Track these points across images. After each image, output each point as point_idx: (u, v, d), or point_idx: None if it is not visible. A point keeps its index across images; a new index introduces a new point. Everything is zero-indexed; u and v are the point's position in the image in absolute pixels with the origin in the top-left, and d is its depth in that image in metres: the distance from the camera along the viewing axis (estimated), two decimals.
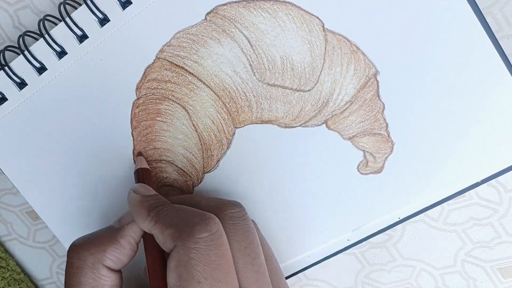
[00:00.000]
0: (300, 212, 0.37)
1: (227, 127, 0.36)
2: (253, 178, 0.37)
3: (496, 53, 0.32)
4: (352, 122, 0.35)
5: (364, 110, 0.34)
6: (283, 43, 0.34)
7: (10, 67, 0.36)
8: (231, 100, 0.35)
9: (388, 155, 0.35)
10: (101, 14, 0.34)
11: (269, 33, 0.34)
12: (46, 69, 0.36)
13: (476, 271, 0.39)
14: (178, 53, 0.35)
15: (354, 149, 0.35)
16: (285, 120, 0.35)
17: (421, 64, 0.33)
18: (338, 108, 0.34)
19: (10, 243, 0.44)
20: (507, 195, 0.36)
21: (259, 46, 0.34)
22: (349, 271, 0.40)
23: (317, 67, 0.34)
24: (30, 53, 0.36)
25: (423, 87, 0.33)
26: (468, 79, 0.32)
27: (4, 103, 0.37)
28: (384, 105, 0.34)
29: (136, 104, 0.36)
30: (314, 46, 0.33)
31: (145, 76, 0.36)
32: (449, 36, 0.32)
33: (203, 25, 0.34)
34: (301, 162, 0.36)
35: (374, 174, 0.35)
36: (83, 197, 0.38)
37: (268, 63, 0.34)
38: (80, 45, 0.35)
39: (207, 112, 0.36)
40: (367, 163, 0.35)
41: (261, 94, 0.35)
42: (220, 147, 0.37)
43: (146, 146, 0.37)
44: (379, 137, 0.35)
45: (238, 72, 0.35)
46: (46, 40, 0.35)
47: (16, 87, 0.36)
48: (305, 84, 0.34)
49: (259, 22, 0.33)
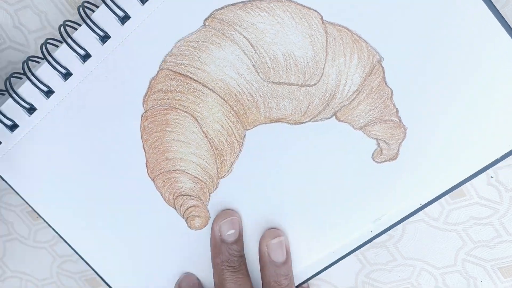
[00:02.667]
0: (320, 208, 0.37)
1: (237, 130, 0.36)
2: (268, 179, 0.36)
3: (504, 30, 0.31)
4: (362, 111, 0.34)
5: (373, 98, 0.34)
6: (283, 40, 0.33)
7: (18, 94, 0.36)
8: (238, 102, 0.35)
9: (402, 141, 0.34)
10: (101, 31, 0.35)
11: (268, 31, 0.34)
12: (53, 91, 0.36)
13: (477, 271, 0.38)
14: (180, 62, 0.35)
15: (367, 138, 0.35)
16: (294, 117, 0.35)
17: (425, 46, 0.32)
18: (346, 99, 0.34)
19: (10, 243, 0.44)
20: (507, 195, 0.36)
21: (260, 46, 0.34)
22: (350, 271, 0.40)
23: (320, 60, 0.34)
24: (36, 77, 0.36)
25: (429, 69, 0.33)
26: (476, 55, 0.32)
27: (15, 130, 0.37)
28: (392, 90, 0.34)
29: (145, 117, 0.36)
30: (315, 39, 0.33)
31: (150, 88, 0.36)
32: (452, 14, 0.31)
33: (203, 31, 0.34)
34: (315, 157, 0.36)
35: (390, 161, 0.35)
36: (103, 216, 0.39)
37: (271, 62, 0.34)
38: (84, 64, 0.36)
39: (216, 117, 0.36)
40: (382, 151, 0.35)
41: (267, 93, 0.35)
42: (232, 151, 0.36)
43: (159, 158, 0.37)
44: (390, 124, 0.34)
45: (242, 74, 0.35)
46: (50, 63, 0.35)
47: (26, 113, 0.37)
48: (310, 79, 0.34)
49: (258, 22, 0.33)
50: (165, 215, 0.38)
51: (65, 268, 0.44)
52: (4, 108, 0.37)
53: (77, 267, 0.44)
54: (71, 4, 0.37)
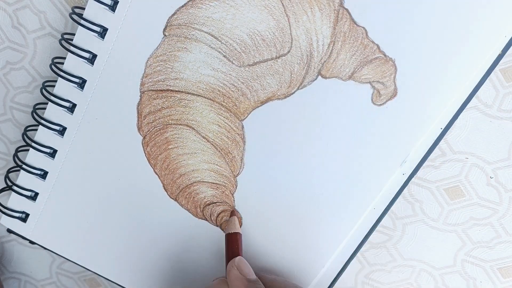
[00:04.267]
0: (342, 170, 0.35)
1: (234, 124, 0.36)
2: (282, 159, 0.36)
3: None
4: (344, 60, 0.33)
5: (349, 43, 0.33)
6: (242, 20, 0.33)
7: (26, 163, 0.38)
8: (224, 97, 0.35)
9: (395, 74, 0.33)
10: (77, 78, 0.35)
11: (225, 18, 0.33)
12: (56, 150, 0.37)
13: (476, 271, 0.38)
14: (157, 79, 0.35)
15: (360, 85, 0.33)
16: (282, 91, 0.34)
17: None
18: (324, 54, 0.33)
19: (9, 244, 0.44)
20: (507, 195, 0.36)
21: (223, 35, 0.34)
22: (349, 271, 0.40)
23: (284, 26, 0.33)
24: (38, 143, 0.37)
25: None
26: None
27: (37, 198, 0.39)
28: (364, 28, 0.32)
29: (145, 143, 0.37)
30: (271, 8, 0.33)
31: (140, 114, 0.36)
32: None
33: (166, 42, 0.34)
34: (317, 121, 0.34)
35: (391, 99, 0.33)
36: (140, 249, 0.39)
37: (239, 46, 0.34)
38: (73, 115, 0.36)
39: (210, 119, 0.36)
40: (379, 92, 0.33)
41: (247, 77, 0.34)
42: (237, 146, 0.36)
43: (173, 177, 0.37)
44: (377, 61, 0.33)
45: (217, 68, 0.34)
46: (44, 125, 0.37)
47: (40, 179, 0.38)
48: (282, 48, 0.33)
49: (212, 13, 0.33)
50: (200, 229, 0.38)
51: (65, 268, 0.44)
52: (21, 180, 0.38)
53: (76, 267, 0.44)
54: (70, 4, 0.37)
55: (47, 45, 0.38)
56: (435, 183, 0.37)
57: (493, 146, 0.36)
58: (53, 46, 0.38)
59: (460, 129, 0.36)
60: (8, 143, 0.41)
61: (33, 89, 0.39)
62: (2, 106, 0.40)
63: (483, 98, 0.35)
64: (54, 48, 0.38)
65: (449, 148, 0.36)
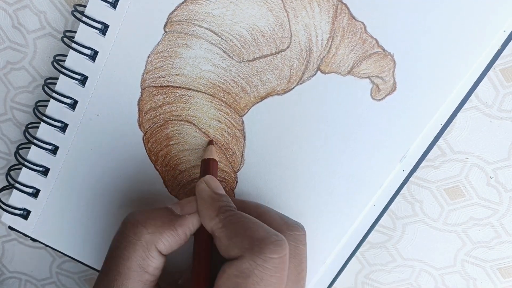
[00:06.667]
0: (342, 166, 0.35)
1: (234, 120, 0.36)
2: (281, 154, 0.36)
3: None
4: (343, 55, 0.33)
5: (348, 38, 0.33)
6: (242, 16, 0.33)
7: (28, 160, 0.38)
8: (224, 93, 0.35)
9: (394, 69, 0.33)
10: (78, 75, 0.36)
11: (225, 14, 0.34)
12: (58, 147, 0.38)
13: (476, 271, 0.38)
14: (158, 75, 0.35)
15: (359, 80, 0.34)
16: (281, 86, 0.35)
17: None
18: (323, 49, 0.33)
19: (10, 243, 0.44)
20: (507, 195, 0.36)
21: (223, 31, 0.34)
22: (349, 271, 0.40)
23: (284, 22, 0.33)
24: (40, 139, 0.37)
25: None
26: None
27: (39, 195, 0.39)
28: (363, 23, 0.32)
29: (146, 140, 0.37)
30: (271, 4, 0.33)
31: (141, 111, 0.36)
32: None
33: (166, 38, 0.35)
34: (317, 117, 0.35)
35: (391, 94, 0.34)
36: None
37: (239, 42, 0.34)
38: (75, 111, 0.37)
39: (210, 115, 0.36)
40: (378, 87, 0.33)
41: (247, 73, 0.35)
42: (237, 141, 0.36)
43: (173, 173, 0.37)
44: (376, 56, 0.33)
45: (217, 64, 0.35)
46: (46, 122, 0.37)
47: (41, 176, 0.38)
48: (282, 43, 0.34)
49: (212, 9, 0.34)
50: None
51: (65, 268, 0.44)
52: (23, 177, 0.39)
53: (77, 267, 0.44)
54: (70, 4, 0.37)
55: (47, 45, 0.38)
56: (435, 183, 0.37)
57: (493, 146, 0.36)
58: (53, 46, 0.38)
59: (460, 129, 0.36)
60: (8, 143, 0.41)
61: (33, 89, 0.40)
62: (3, 106, 0.40)
63: (483, 98, 0.35)
64: (54, 48, 0.38)
65: (449, 148, 0.37)
